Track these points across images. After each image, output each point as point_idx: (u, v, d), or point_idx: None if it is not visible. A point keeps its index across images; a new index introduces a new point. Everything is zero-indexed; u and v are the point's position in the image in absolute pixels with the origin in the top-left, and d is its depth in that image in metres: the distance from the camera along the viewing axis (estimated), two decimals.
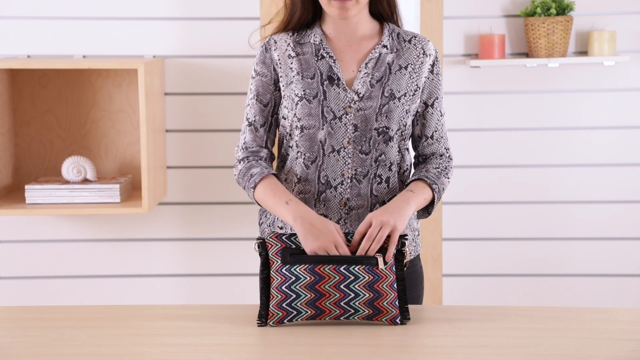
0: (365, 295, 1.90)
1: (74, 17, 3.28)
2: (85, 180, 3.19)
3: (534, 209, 3.44)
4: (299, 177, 2.14)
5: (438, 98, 2.18)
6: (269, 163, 2.17)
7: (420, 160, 2.22)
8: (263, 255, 1.95)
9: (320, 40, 2.14)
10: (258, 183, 2.09)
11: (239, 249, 3.41)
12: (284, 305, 1.91)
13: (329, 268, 1.91)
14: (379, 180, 2.13)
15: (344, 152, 2.11)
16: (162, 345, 1.81)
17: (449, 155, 2.21)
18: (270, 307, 1.92)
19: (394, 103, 2.12)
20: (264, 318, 1.92)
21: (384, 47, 2.14)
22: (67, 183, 3.16)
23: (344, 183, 2.12)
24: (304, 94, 2.11)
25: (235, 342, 1.83)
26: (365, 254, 1.93)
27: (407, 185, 2.13)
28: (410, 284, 2.17)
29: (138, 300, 3.39)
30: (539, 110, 3.39)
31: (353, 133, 2.10)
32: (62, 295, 3.39)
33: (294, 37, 2.16)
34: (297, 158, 2.14)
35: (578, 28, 3.35)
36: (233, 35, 3.30)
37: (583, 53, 3.36)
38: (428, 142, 2.19)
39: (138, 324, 1.94)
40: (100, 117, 3.31)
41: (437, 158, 2.20)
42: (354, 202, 2.12)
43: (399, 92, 2.12)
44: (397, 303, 1.92)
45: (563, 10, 3.26)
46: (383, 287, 1.91)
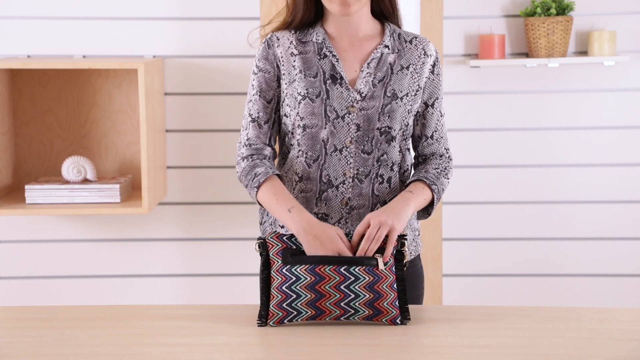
0: (366, 296, 1.90)
1: (74, 17, 3.28)
2: (85, 180, 3.19)
3: (534, 209, 3.44)
4: (301, 175, 2.13)
5: (438, 98, 2.18)
6: (272, 162, 2.16)
7: (420, 161, 2.22)
8: (264, 255, 1.95)
9: (323, 39, 2.13)
10: (262, 184, 2.08)
11: (239, 249, 3.41)
12: (284, 306, 1.91)
13: (330, 269, 1.91)
14: (381, 180, 2.13)
15: (346, 151, 2.11)
16: (162, 345, 1.81)
17: (449, 156, 2.21)
18: (271, 307, 1.92)
19: (397, 103, 2.11)
20: (264, 318, 1.92)
21: (386, 47, 2.14)
22: (67, 183, 3.16)
23: (346, 182, 2.12)
24: (307, 93, 2.10)
25: (235, 342, 1.83)
26: (365, 254, 1.94)
27: (406, 186, 2.13)
28: (411, 284, 2.17)
29: (138, 300, 3.39)
30: (539, 110, 3.39)
31: (355, 132, 2.10)
32: (62, 295, 3.39)
33: (296, 35, 2.15)
34: (298, 156, 2.13)
35: (578, 28, 3.34)
36: (233, 35, 3.30)
37: (583, 53, 3.36)
38: (428, 142, 2.19)
39: (138, 324, 1.94)
40: (100, 117, 3.31)
41: (436, 158, 2.20)
42: (355, 201, 2.12)
43: (401, 92, 2.12)
44: (397, 303, 1.92)
45: (563, 10, 3.25)
46: (383, 287, 1.91)
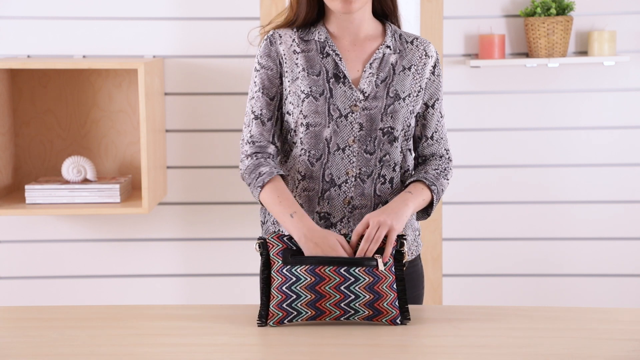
0: (366, 297, 1.90)
1: (74, 17, 3.28)
2: (85, 180, 3.19)
3: (534, 209, 3.44)
4: (303, 174, 2.13)
5: (438, 99, 2.18)
6: (276, 160, 2.15)
7: (420, 162, 2.21)
8: (264, 255, 1.95)
9: (326, 38, 2.13)
10: (266, 184, 2.07)
11: (239, 249, 3.41)
12: (284, 306, 1.91)
13: (330, 269, 1.91)
14: (383, 181, 2.13)
15: (349, 150, 2.11)
16: (162, 345, 1.81)
17: (449, 157, 2.21)
18: (271, 307, 1.92)
19: (399, 104, 2.11)
20: (264, 318, 1.92)
21: (388, 47, 2.14)
22: (67, 183, 3.16)
23: (348, 182, 2.12)
24: (311, 91, 2.10)
25: (235, 342, 1.83)
26: (365, 255, 1.94)
27: (406, 187, 2.13)
28: (411, 284, 2.17)
29: (138, 300, 3.39)
30: (539, 110, 3.39)
31: (358, 132, 2.10)
32: (62, 295, 3.39)
33: (298, 33, 2.14)
34: (301, 155, 2.13)
35: (578, 28, 3.34)
36: (233, 35, 3.30)
37: (583, 53, 3.36)
38: (428, 142, 2.19)
39: (138, 324, 1.94)
40: (100, 117, 3.31)
41: (436, 159, 2.19)
42: (358, 201, 2.12)
43: (404, 92, 2.12)
44: (397, 303, 1.92)
45: (563, 10, 3.25)
46: (383, 288, 1.91)
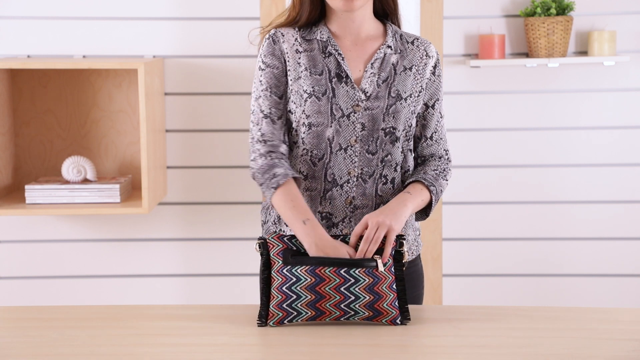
0: (366, 298, 1.90)
1: (74, 17, 3.28)
2: (85, 180, 3.19)
3: (534, 209, 3.44)
4: (305, 174, 2.12)
5: (439, 100, 2.18)
6: (288, 160, 2.12)
7: (419, 162, 2.21)
8: (264, 256, 1.95)
9: (328, 38, 2.13)
10: (280, 186, 2.04)
11: (239, 249, 3.41)
12: (284, 306, 1.91)
13: (330, 270, 1.91)
14: (384, 181, 2.13)
15: (351, 150, 2.10)
16: (162, 345, 1.81)
17: (448, 157, 2.21)
18: (271, 307, 1.92)
19: (401, 104, 2.11)
20: (264, 318, 1.92)
21: (389, 47, 2.14)
22: (67, 183, 3.16)
23: (350, 181, 2.11)
24: (313, 91, 2.09)
25: (235, 342, 1.83)
26: (364, 256, 1.94)
27: (405, 187, 2.13)
28: (411, 284, 2.17)
29: (138, 300, 3.39)
30: (539, 110, 3.39)
31: (361, 132, 2.10)
32: (62, 295, 3.39)
33: (300, 32, 2.14)
34: (303, 155, 2.12)
35: (578, 28, 3.34)
36: (233, 35, 3.30)
37: (583, 53, 3.36)
38: (427, 143, 2.19)
39: (138, 324, 1.94)
40: (100, 117, 3.31)
41: (435, 160, 2.19)
42: (359, 201, 2.12)
43: (405, 92, 2.12)
44: (396, 304, 1.92)
45: (563, 10, 3.25)
46: (382, 288, 1.91)
